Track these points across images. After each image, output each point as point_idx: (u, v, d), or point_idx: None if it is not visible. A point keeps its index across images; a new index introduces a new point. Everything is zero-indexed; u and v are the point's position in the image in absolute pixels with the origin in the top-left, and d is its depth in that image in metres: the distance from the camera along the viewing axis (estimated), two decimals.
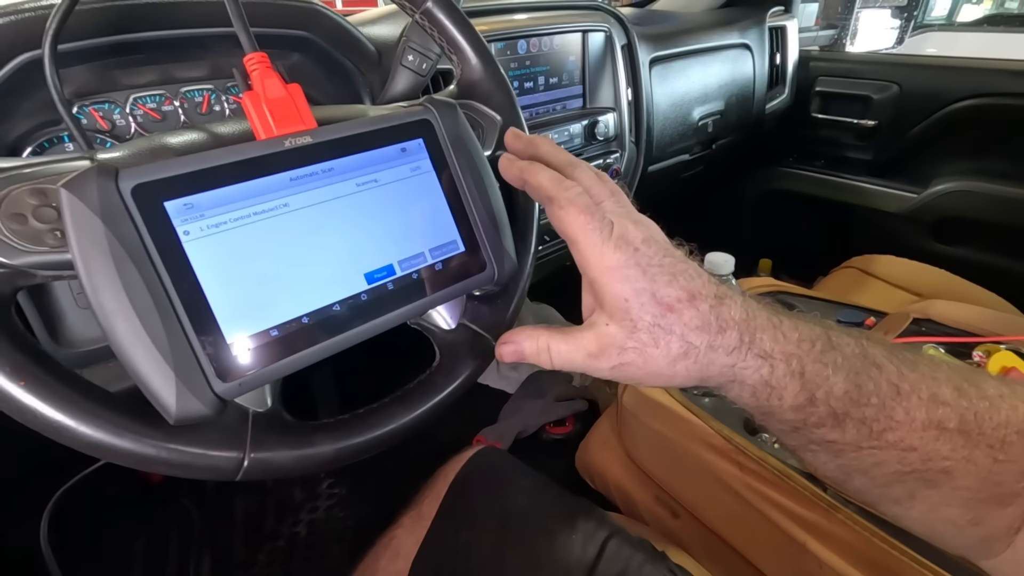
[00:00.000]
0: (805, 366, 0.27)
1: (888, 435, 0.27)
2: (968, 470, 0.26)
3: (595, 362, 0.28)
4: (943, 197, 1.18)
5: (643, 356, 0.27)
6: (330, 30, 0.57)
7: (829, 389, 0.27)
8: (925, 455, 0.26)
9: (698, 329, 0.27)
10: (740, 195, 1.53)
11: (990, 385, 0.27)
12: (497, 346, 0.33)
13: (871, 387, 0.27)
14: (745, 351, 0.27)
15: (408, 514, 0.60)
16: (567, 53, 0.84)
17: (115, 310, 0.25)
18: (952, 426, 0.26)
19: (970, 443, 0.26)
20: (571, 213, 0.28)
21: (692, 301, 0.27)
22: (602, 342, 0.28)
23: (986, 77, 1.10)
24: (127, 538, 0.98)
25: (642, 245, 0.27)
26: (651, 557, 0.52)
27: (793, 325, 0.28)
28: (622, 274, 0.27)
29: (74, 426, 0.26)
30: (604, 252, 0.27)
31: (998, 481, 0.26)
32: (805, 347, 0.27)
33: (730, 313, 0.27)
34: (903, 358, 0.28)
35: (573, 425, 1.19)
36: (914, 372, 0.27)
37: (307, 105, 0.33)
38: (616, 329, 0.27)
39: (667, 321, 0.27)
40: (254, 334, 0.29)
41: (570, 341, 0.29)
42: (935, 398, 0.26)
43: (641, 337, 0.27)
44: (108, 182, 0.26)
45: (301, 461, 0.32)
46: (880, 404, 0.27)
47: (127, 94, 0.53)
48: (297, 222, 0.31)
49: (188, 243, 0.27)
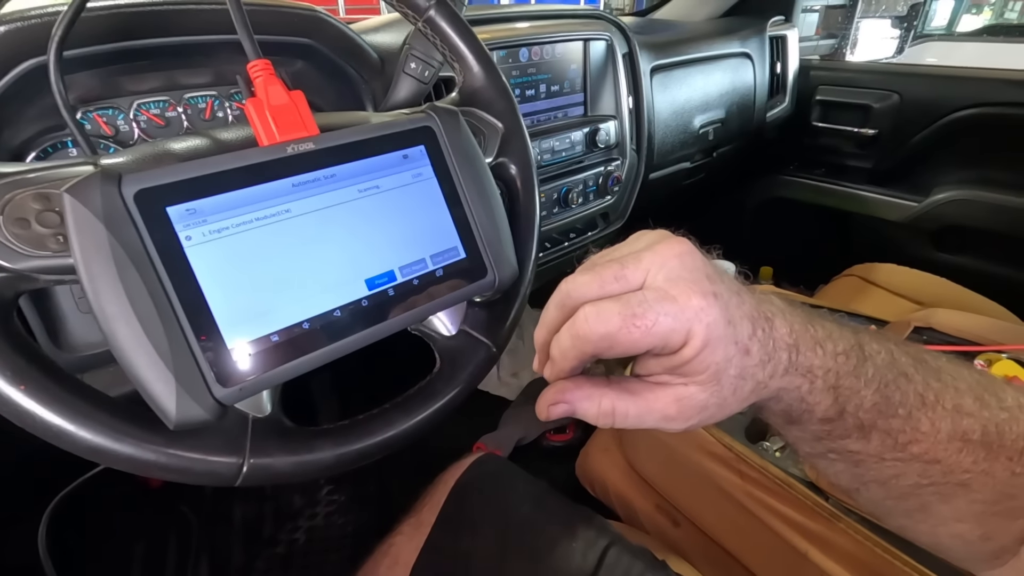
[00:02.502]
0: (840, 380, 0.25)
1: (913, 447, 0.26)
2: (985, 483, 0.26)
3: (669, 424, 0.25)
4: (944, 206, 1.18)
5: (722, 407, 0.25)
6: (333, 37, 0.57)
7: (860, 402, 0.26)
8: (947, 467, 0.26)
9: (761, 363, 0.24)
10: (741, 203, 1.53)
11: (1009, 395, 0.27)
12: (542, 405, 0.28)
13: (899, 398, 0.26)
14: (792, 372, 0.25)
15: (408, 521, 0.59)
16: (569, 61, 0.84)
17: (116, 314, 0.25)
18: (976, 438, 0.25)
19: (991, 455, 0.25)
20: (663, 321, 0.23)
21: (755, 334, 0.24)
22: (682, 404, 0.25)
23: (986, 87, 1.11)
24: (125, 544, 0.97)
25: (711, 283, 0.24)
26: (651, 566, 0.52)
27: (828, 335, 0.26)
28: (716, 335, 0.23)
29: (73, 431, 0.26)
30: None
31: (1012, 494, 0.26)
32: (841, 360, 0.25)
33: (780, 334, 0.25)
34: (928, 367, 0.27)
35: (574, 432, 1.19)
36: (939, 382, 0.26)
37: (310, 112, 0.34)
38: (697, 390, 0.24)
39: (744, 365, 0.24)
40: (255, 339, 0.29)
41: (640, 403, 0.25)
42: (959, 409, 0.26)
43: (726, 388, 0.24)
44: (111, 187, 0.26)
45: (301, 467, 0.32)
46: (907, 415, 0.26)
47: (131, 100, 0.53)
48: (299, 228, 0.31)
49: (190, 248, 0.28)
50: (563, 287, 0.25)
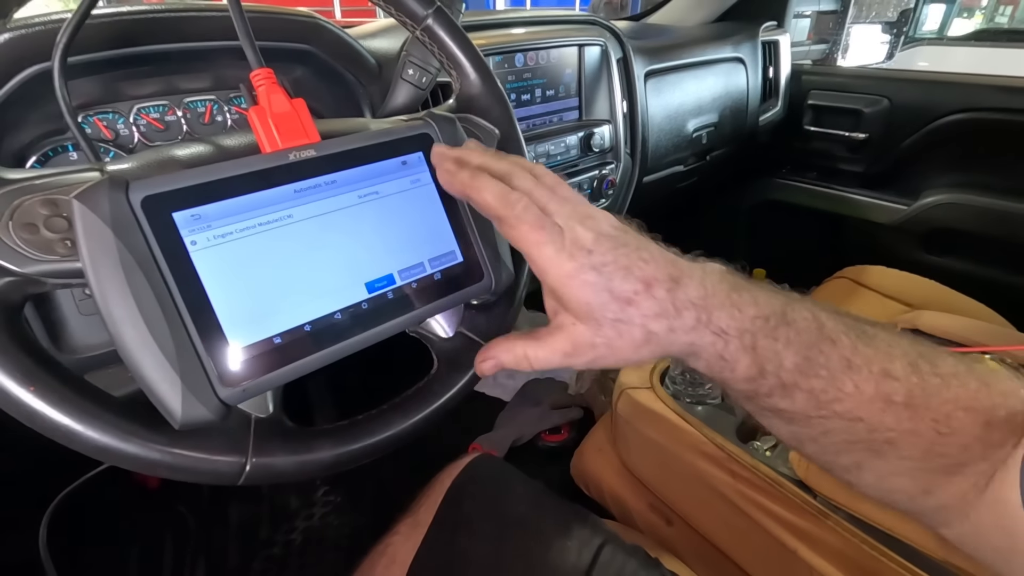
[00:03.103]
0: (757, 341, 0.28)
1: (836, 405, 0.28)
2: (912, 442, 0.28)
3: (571, 360, 0.30)
4: (932, 209, 1.20)
5: (611, 348, 0.29)
6: (332, 43, 0.58)
7: (779, 362, 0.28)
8: (871, 426, 0.28)
9: (657, 316, 0.28)
10: (735, 206, 1.54)
11: (947, 363, 0.29)
12: (477, 363, 0.33)
13: (821, 360, 0.28)
14: (702, 329, 0.28)
15: (404, 521, 0.60)
16: (564, 66, 0.85)
17: (124, 317, 0.26)
18: (899, 400, 0.27)
19: (915, 416, 0.27)
20: (522, 231, 0.29)
21: (648, 290, 0.28)
22: (575, 342, 0.29)
23: (973, 92, 1.13)
24: (123, 544, 0.97)
25: (594, 245, 0.28)
26: (645, 564, 0.52)
27: (752, 299, 0.29)
28: (580, 280, 0.28)
29: (81, 431, 0.27)
30: (560, 262, 0.28)
31: (942, 453, 0.28)
32: (759, 323, 0.28)
33: (686, 295, 0.28)
34: (861, 332, 0.29)
35: (568, 433, 1.20)
36: (869, 347, 0.29)
37: (311, 119, 0.34)
38: (584, 328, 0.29)
39: (627, 314, 0.28)
40: (258, 341, 0.29)
41: (545, 346, 0.31)
42: (886, 372, 0.28)
43: (607, 332, 0.28)
44: (119, 194, 0.27)
45: (302, 466, 0.33)
46: (829, 377, 0.28)
47: (131, 104, 0.54)
48: (301, 233, 0.32)
49: (195, 253, 0.28)
50: (518, 172, 0.31)
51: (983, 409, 0.27)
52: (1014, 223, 1.11)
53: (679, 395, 0.72)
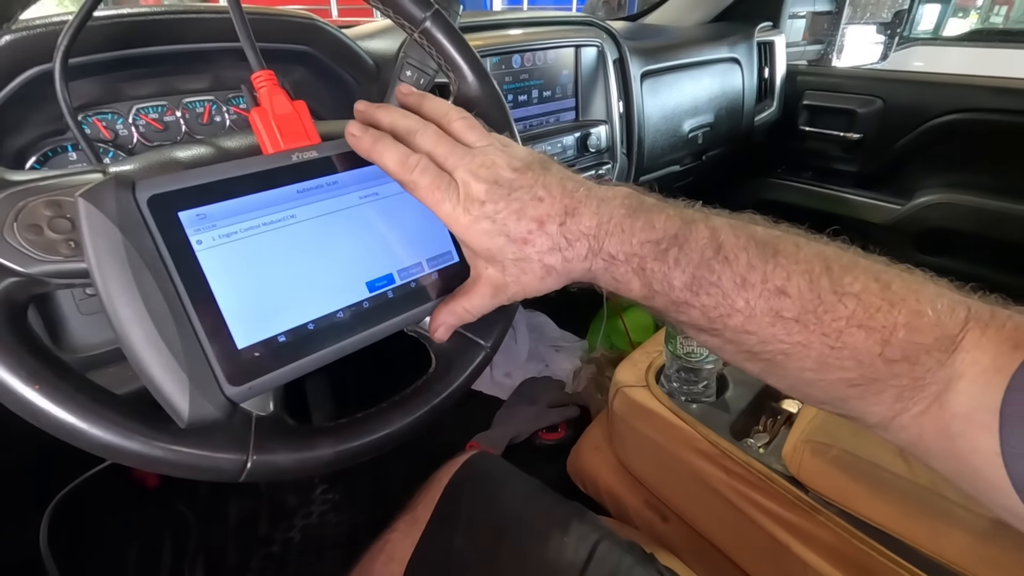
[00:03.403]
0: (645, 264, 0.31)
1: (728, 320, 0.30)
2: (805, 354, 0.29)
3: (497, 299, 0.34)
4: (926, 209, 1.21)
5: (520, 284, 0.32)
6: (330, 44, 0.59)
7: (668, 283, 0.30)
8: (763, 338, 0.30)
9: (550, 251, 0.31)
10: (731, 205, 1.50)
11: (856, 282, 0.29)
12: (431, 334, 0.37)
13: (713, 279, 0.30)
14: (594, 257, 0.31)
15: (403, 518, 0.60)
16: (560, 67, 0.86)
17: (131, 317, 0.26)
18: (789, 316, 0.29)
19: (805, 331, 0.29)
20: (421, 193, 0.32)
21: (541, 227, 0.31)
22: (492, 283, 0.33)
23: (966, 93, 1.14)
24: (122, 542, 0.98)
25: (487, 196, 0.31)
26: (640, 560, 0.53)
27: (647, 223, 0.31)
28: (476, 229, 0.31)
29: (86, 428, 0.27)
30: (458, 216, 0.31)
31: (839, 367, 0.29)
32: (648, 247, 0.30)
33: (579, 226, 0.31)
34: (762, 249, 0.30)
35: (565, 431, 1.20)
36: (768, 263, 0.30)
37: (312, 121, 0.35)
38: (493, 271, 0.33)
39: (525, 253, 0.31)
40: (263, 340, 0.30)
41: (474, 295, 0.34)
42: (780, 291, 0.29)
43: (512, 271, 0.32)
44: (126, 193, 0.27)
45: (302, 463, 0.33)
46: (721, 295, 0.30)
47: (130, 105, 0.54)
48: (304, 232, 0.32)
49: (201, 252, 0.29)
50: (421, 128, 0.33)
51: (879, 328, 0.28)
52: (1007, 223, 1.12)
53: (674, 393, 0.73)
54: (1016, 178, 1.12)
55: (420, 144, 0.33)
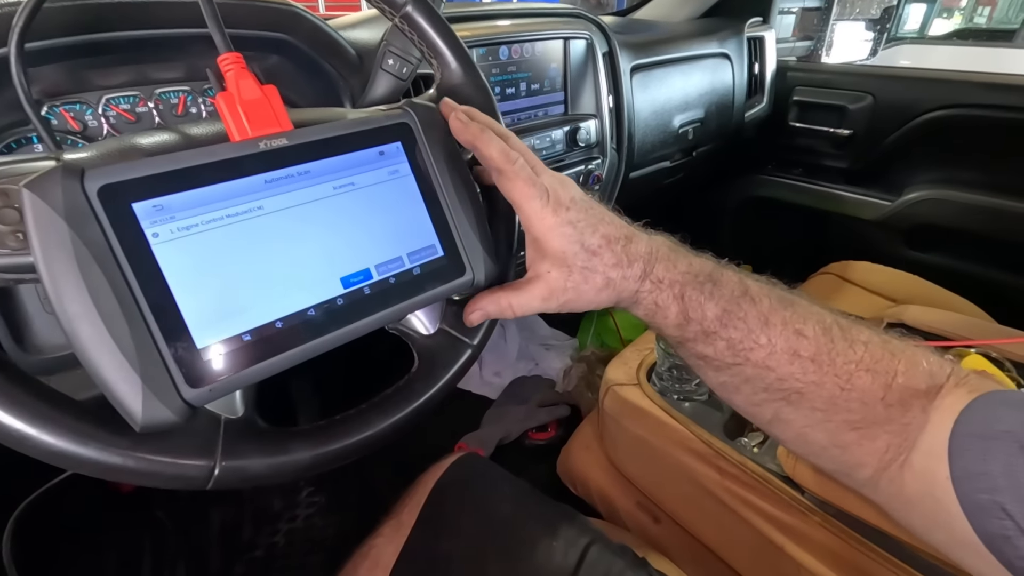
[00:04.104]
0: (685, 291, 0.34)
1: (751, 354, 0.33)
2: (817, 393, 0.32)
3: (546, 304, 0.35)
4: (916, 205, 1.21)
5: (578, 292, 0.35)
6: (310, 33, 0.57)
7: (703, 312, 0.34)
8: (780, 375, 0.33)
9: (614, 266, 0.34)
10: (721, 202, 1.55)
11: (862, 333, 0.33)
12: (465, 315, 0.38)
13: (741, 314, 0.34)
14: (644, 279, 0.35)
15: (388, 523, 0.59)
16: (549, 60, 0.84)
17: (79, 314, 0.25)
18: (806, 355, 0.32)
19: (820, 371, 0.32)
20: (517, 184, 0.34)
21: (609, 245, 0.34)
22: (550, 287, 0.35)
23: (956, 89, 1.14)
24: (97, 551, 0.95)
25: (571, 205, 0.34)
26: (632, 564, 0.52)
27: (686, 259, 0.36)
28: (559, 232, 0.34)
29: (35, 434, 0.25)
30: (545, 215, 0.34)
31: (846, 408, 0.32)
32: (688, 277, 0.35)
33: (636, 249, 0.35)
34: (781, 298, 0.35)
35: (555, 431, 1.19)
36: (787, 310, 0.34)
37: (283, 107, 0.33)
38: (557, 275, 0.34)
39: (593, 263, 0.34)
40: (226, 339, 0.28)
41: (523, 294, 0.36)
42: (799, 332, 0.33)
43: (576, 278, 0.34)
44: (73, 182, 0.25)
45: (276, 469, 0.31)
46: (747, 329, 0.33)
47: (99, 95, 0.52)
48: (272, 225, 0.30)
49: (157, 245, 0.27)
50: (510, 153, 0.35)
51: (883, 372, 0.32)
52: (995, 219, 1.12)
53: (666, 391, 0.72)
54: (1004, 174, 1.12)
55: (516, 147, 0.36)
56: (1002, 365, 0.62)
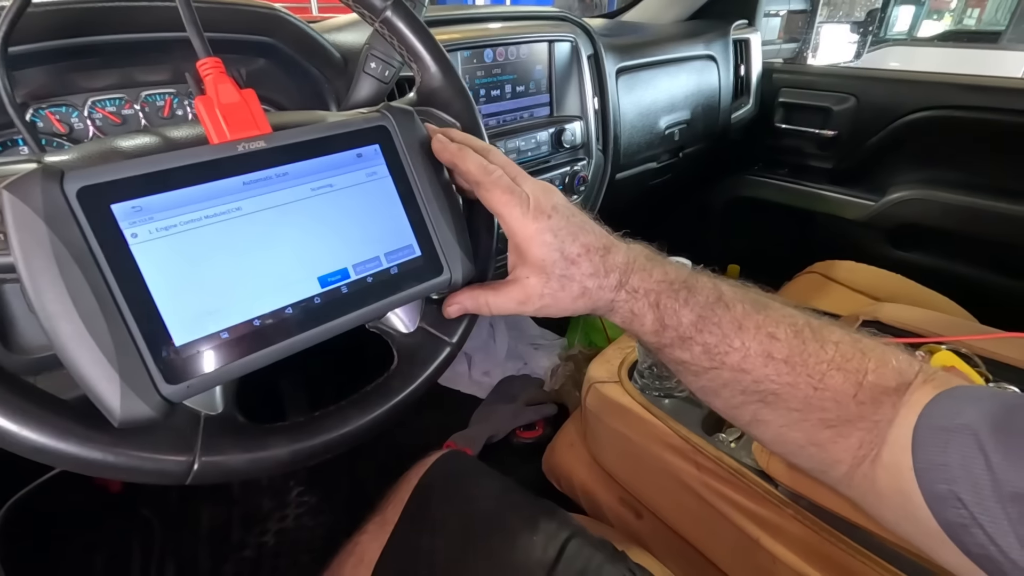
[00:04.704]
0: (660, 300, 0.35)
1: (726, 358, 0.34)
2: (792, 394, 0.33)
3: (522, 308, 0.36)
4: (899, 205, 1.23)
5: (554, 299, 0.36)
6: (294, 36, 0.57)
7: (678, 319, 0.35)
8: (756, 377, 0.34)
9: (592, 275, 0.35)
10: (708, 202, 1.56)
11: (833, 333, 0.34)
12: (444, 307, 0.39)
13: (715, 319, 0.35)
14: (620, 289, 0.36)
15: (373, 520, 0.60)
16: (534, 62, 0.85)
17: (58, 313, 0.25)
18: (779, 357, 0.33)
19: (793, 372, 0.33)
20: (496, 194, 0.35)
21: (588, 254, 0.35)
22: (527, 292, 0.36)
23: (937, 90, 1.16)
24: (85, 551, 0.95)
25: (553, 212, 0.35)
26: (611, 557, 0.53)
27: (662, 268, 0.36)
28: (540, 239, 0.35)
29: (15, 430, 0.26)
30: (526, 223, 0.35)
31: (820, 407, 0.33)
32: (664, 286, 0.36)
33: (614, 260, 0.36)
34: (754, 302, 0.36)
35: (543, 429, 1.20)
36: (760, 314, 0.35)
37: (262, 110, 0.34)
38: (536, 281, 0.35)
39: (571, 272, 0.35)
40: (203, 337, 0.29)
41: (500, 295, 0.37)
42: (771, 335, 0.34)
43: (553, 285, 0.35)
44: (53, 184, 0.26)
45: (255, 463, 0.32)
46: (722, 334, 0.34)
47: (85, 97, 0.52)
48: (250, 225, 0.31)
49: (136, 246, 0.28)
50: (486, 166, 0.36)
51: (854, 371, 0.33)
52: (976, 218, 1.14)
53: (646, 389, 0.73)
54: (984, 174, 1.14)
55: (495, 160, 0.37)
56: (972, 361, 0.63)
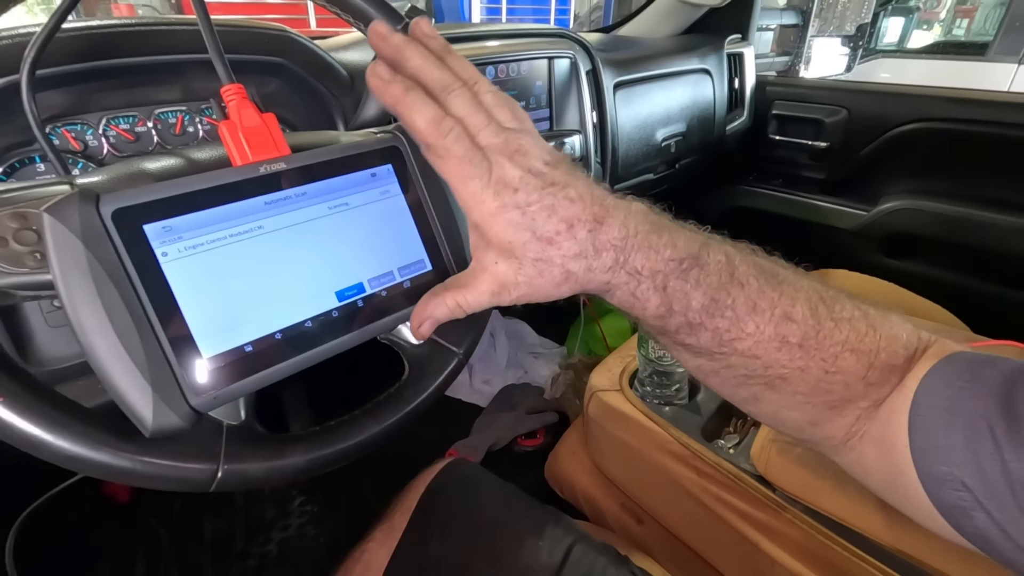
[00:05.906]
0: (668, 282, 0.30)
1: (737, 344, 0.30)
2: (802, 378, 0.31)
3: (498, 299, 0.31)
4: (890, 214, 1.25)
5: (532, 287, 0.30)
6: (303, 56, 0.59)
7: (687, 303, 0.30)
8: (767, 363, 0.31)
9: (576, 256, 0.29)
10: (704, 212, 1.58)
11: (845, 308, 0.31)
12: (413, 328, 0.33)
13: (728, 302, 0.30)
14: (618, 269, 0.29)
15: (380, 527, 0.60)
16: (534, 78, 0.87)
17: (94, 328, 0.27)
18: (794, 341, 0.30)
19: (807, 356, 0.30)
20: (450, 163, 0.29)
21: (570, 230, 0.28)
22: (499, 280, 0.30)
23: (926, 103, 1.18)
24: (92, 559, 0.95)
25: (520, 184, 0.28)
26: (615, 561, 0.54)
27: (670, 241, 0.30)
28: (503, 219, 0.28)
29: (52, 440, 0.27)
30: (485, 198, 0.28)
31: (828, 390, 0.31)
32: (672, 265, 0.30)
33: (607, 236, 0.29)
34: (770, 276, 0.31)
35: (544, 437, 1.21)
36: (776, 290, 0.31)
37: (281, 133, 0.35)
38: (506, 267, 0.29)
39: (548, 254, 0.29)
40: (229, 350, 0.30)
41: (472, 290, 0.31)
42: (787, 316, 0.30)
43: (528, 271, 0.29)
44: (89, 207, 0.27)
45: (274, 472, 0.33)
46: (734, 318, 0.30)
47: (100, 115, 0.54)
48: (271, 243, 0.33)
49: (166, 264, 0.29)
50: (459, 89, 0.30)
51: (867, 351, 0.30)
52: (967, 227, 1.16)
53: (647, 397, 0.74)
54: (973, 184, 1.16)
55: (453, 107, 0.29)
56: None
